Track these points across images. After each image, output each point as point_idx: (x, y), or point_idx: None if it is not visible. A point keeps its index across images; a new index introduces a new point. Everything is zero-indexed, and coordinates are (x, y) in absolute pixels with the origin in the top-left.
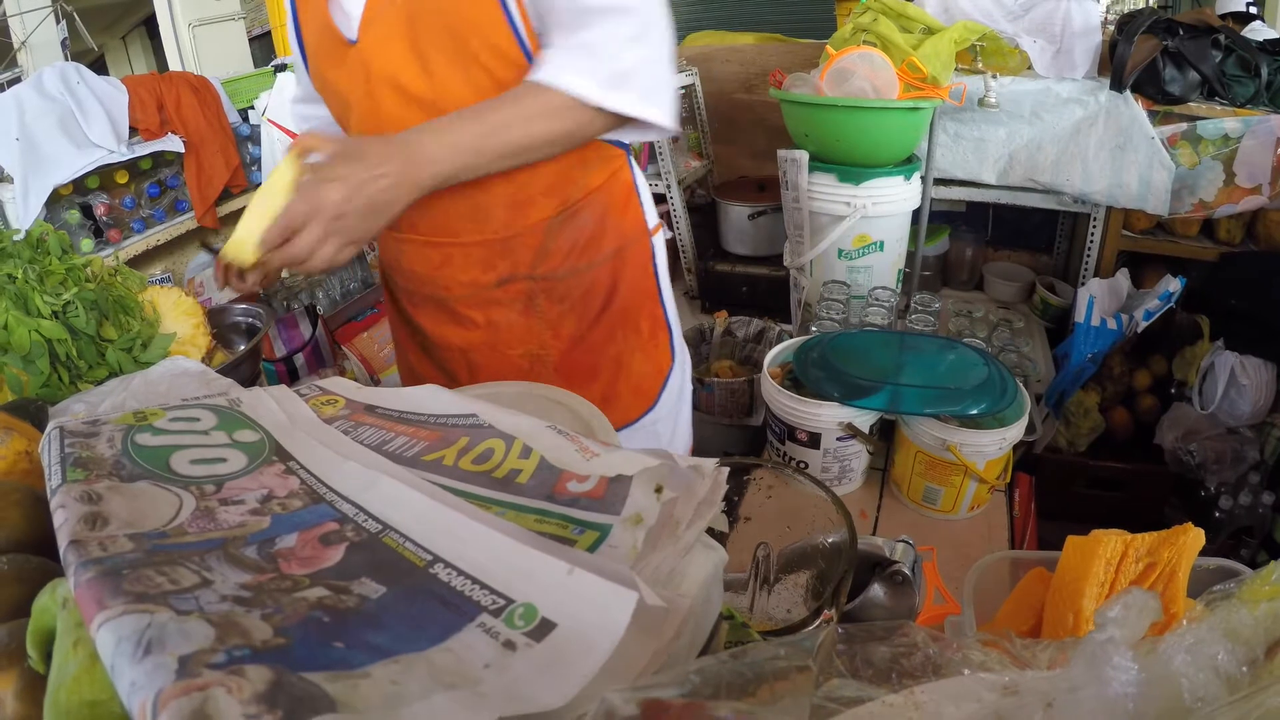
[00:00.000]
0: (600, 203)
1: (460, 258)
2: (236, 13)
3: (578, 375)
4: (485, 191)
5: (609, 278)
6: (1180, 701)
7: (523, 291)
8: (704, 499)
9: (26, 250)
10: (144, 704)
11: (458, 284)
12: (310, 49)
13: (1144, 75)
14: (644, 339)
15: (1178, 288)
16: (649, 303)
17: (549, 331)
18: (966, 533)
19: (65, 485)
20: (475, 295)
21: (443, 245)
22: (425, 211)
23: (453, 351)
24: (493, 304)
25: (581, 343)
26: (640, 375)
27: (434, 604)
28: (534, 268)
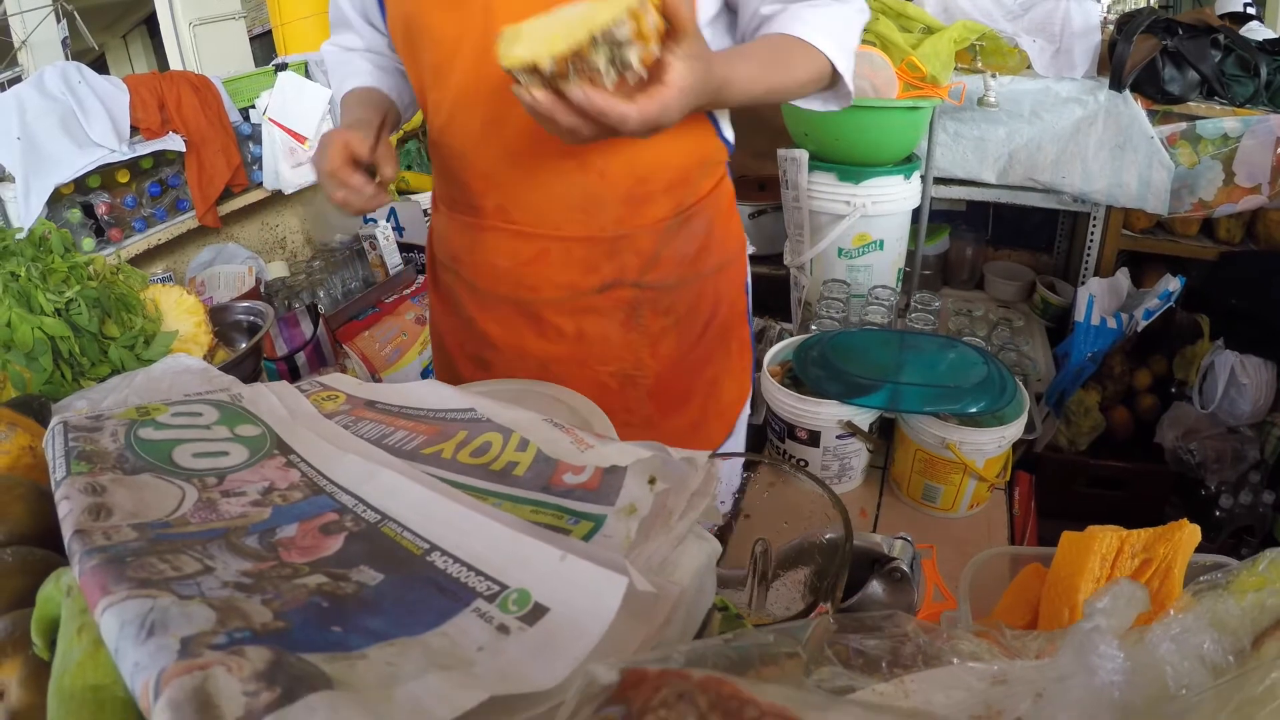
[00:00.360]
0: (709, 211)
1: (560, 255)
2: (237, 12)
3: (672, 400)
4: (604, 180)
5: (713, 293)
6: (1165, 690)
7: (626, 300)
8: (696, 490)
9: (29, 248)
10: (147, 683)
11: (551, 285)
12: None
13: (1143, 75)
14: (733, 362)
15: (1177, 287)
16: (739, 325)
17: (647, 349)
18: (966, 531)
19: (70, 478)
20: (570, 301)
21: (540, 238)
22: (522, 195)
23: (527, 364)
24: (588, 312)
25: (680, 363)
26: (727, 402)
27: (430, 590)
28: (643, 274)
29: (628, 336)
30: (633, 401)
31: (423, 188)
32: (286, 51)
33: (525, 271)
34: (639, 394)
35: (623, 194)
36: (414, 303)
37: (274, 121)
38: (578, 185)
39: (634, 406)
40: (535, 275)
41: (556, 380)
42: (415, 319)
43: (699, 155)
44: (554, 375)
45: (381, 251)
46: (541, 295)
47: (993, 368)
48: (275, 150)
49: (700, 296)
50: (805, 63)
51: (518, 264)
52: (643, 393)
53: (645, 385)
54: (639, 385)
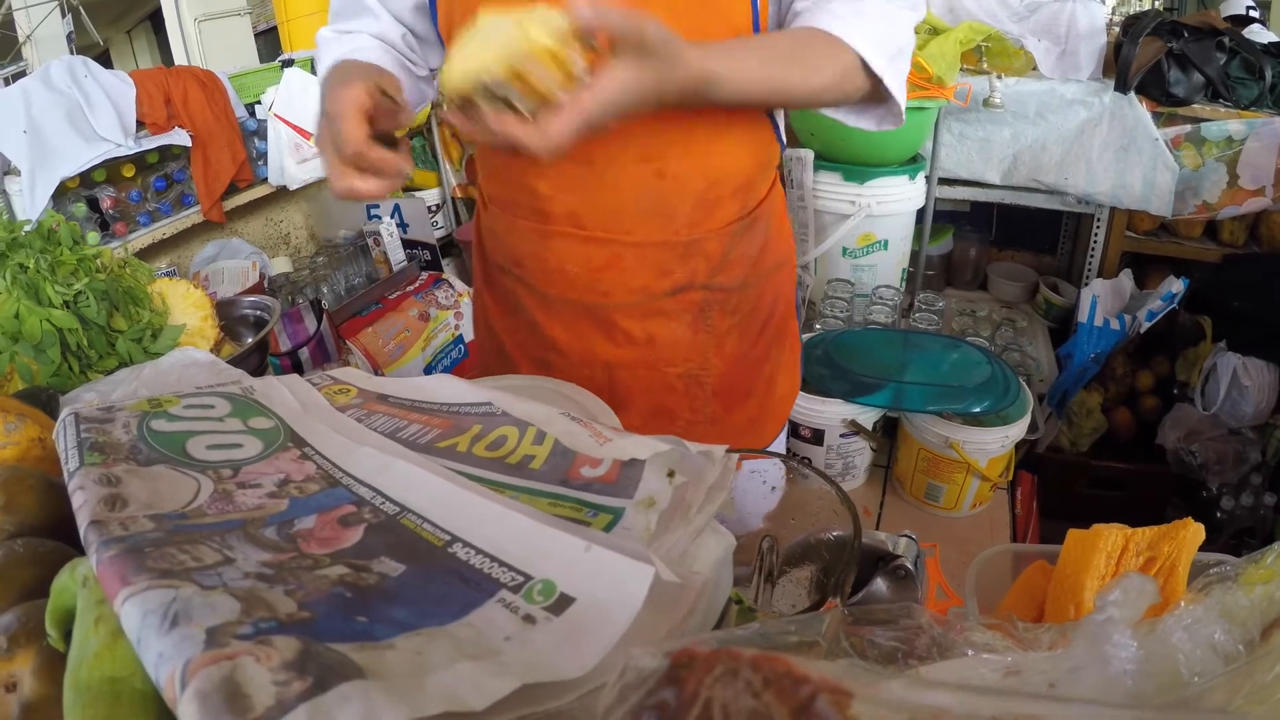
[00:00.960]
0: (768, 213)
1: (633, 260)
2: (243, 8)
3: (734, 397)
4: (678, 184)
5: (771, 291)
6: (1178, 678)
7: (696, 302)
8: (714, 484)
9: (38, 240)
10: (172, 673)
11: (624, 290)
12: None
13: (1148, 77)
14: (785, 357)
15: (1180, 289)
16: (792, 321)
17: (714, 349)
18: (968, 530)
19: (84, 468)
20: (641, 305)
21: (613, 243)
22: (597, 202)
23: (594, 369)
24: (658, 315)
25: (742, 361)
26: (779, 396)
27: (454, 581)
28: (712, 276)
29: (696, 338)
30: (698, 401)
31: (427, 184)
32: (292, 48)
33: (598, 277)
34: (705, 394)
35: (695, 198)
36: (417, 299)
37: (279, 117)
38: (652, 189)
39: (699, 406)
40: (608, 281)
41: (621, 383)
42: (418, 315)
43: (762, 158)
44: (620, 379)
45: (385, 248)
46: (613, 300)
47: (996, 368)
48: (280, 146)
49: (761, 295)
50: (829, 61)
51: (590, 270)
52: (708, 392)
53: (710, 384)
54: (704, 385)
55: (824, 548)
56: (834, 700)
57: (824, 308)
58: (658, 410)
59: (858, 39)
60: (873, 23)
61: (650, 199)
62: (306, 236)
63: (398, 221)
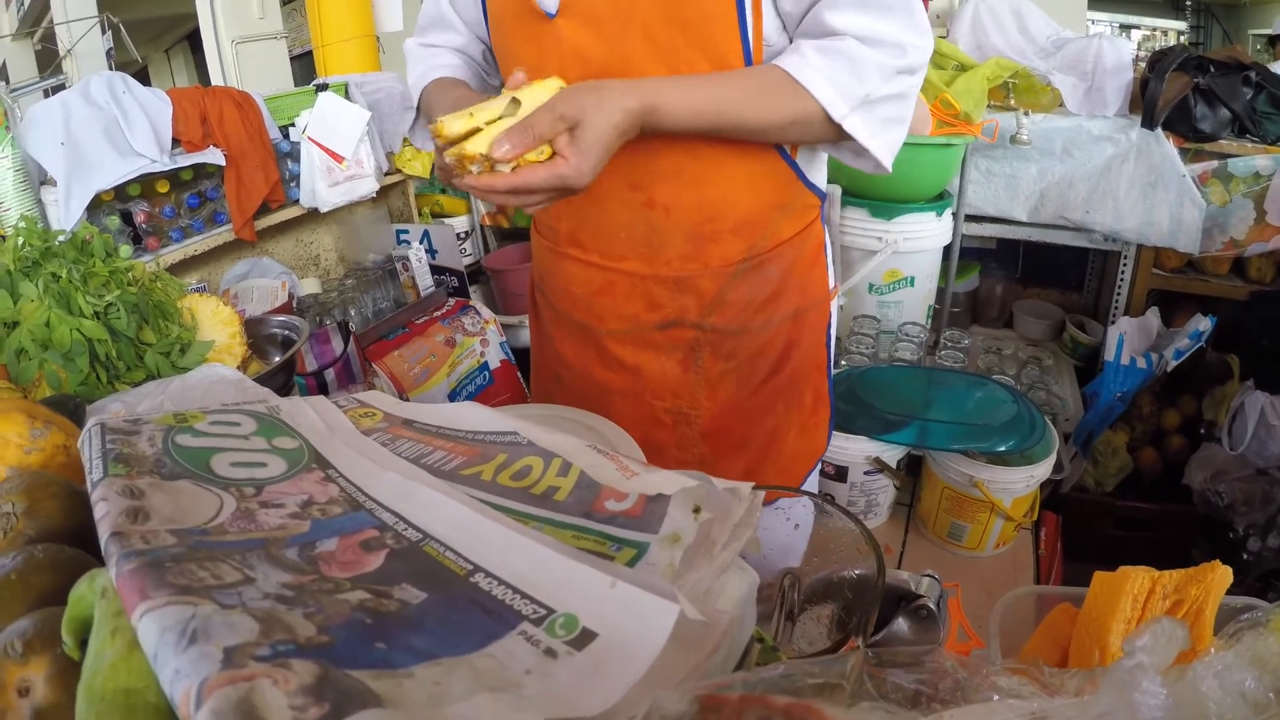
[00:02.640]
0: (789, 257)
1: (625, 288)
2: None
3: (726, 444)
4: (668, 215)
5: (783, 341)
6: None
7: (686, 340)
8: (740, 521)
9: (71, 251)
10: (188, 691)
11: (615, 317)
12: (495, 11)
13: (1175, 113)
14: (805, 414)
15: (1208, 327)
16: (816, 374)
17: (705, 391)
18: (992, 570)
19: (107, 479)
20: (631, 334)
21: (607, 270)
22: (592, 225)
23: (593, 388)
24: (648, 347)
25: (737, 409)
26: (792, 456)
27: (475, 611)
28: (704, 316)
29: (686, 376)
30: (686, 440)
31: (456, 212)
32: (327, 72)
33: (593, 301)
34: (693, 433)
35: (688, 231)
36: (444, 325)
37: (313, 140)
38: (643, 219)
39: (687, 445)
40: (601, 306)
41: (615, 409)
42: (445, 341)
43: (774, 198)
44: (614, 404)
45: (414, 273)
46: (606, 326)
47: (1022, 406)
48: (313, 169)
49: (768, 344)
50: (785, 102)
51: (588, 293)
52: (696, 433)
53: (700, 426)
54: (693, 425)
55: (846, 586)
56: None
57: (849, 344)
58: (645, 441)
59: (817, 84)
60: (837, 68)
61: (642, 227)
62: (336, 259)
63: (426, 247)
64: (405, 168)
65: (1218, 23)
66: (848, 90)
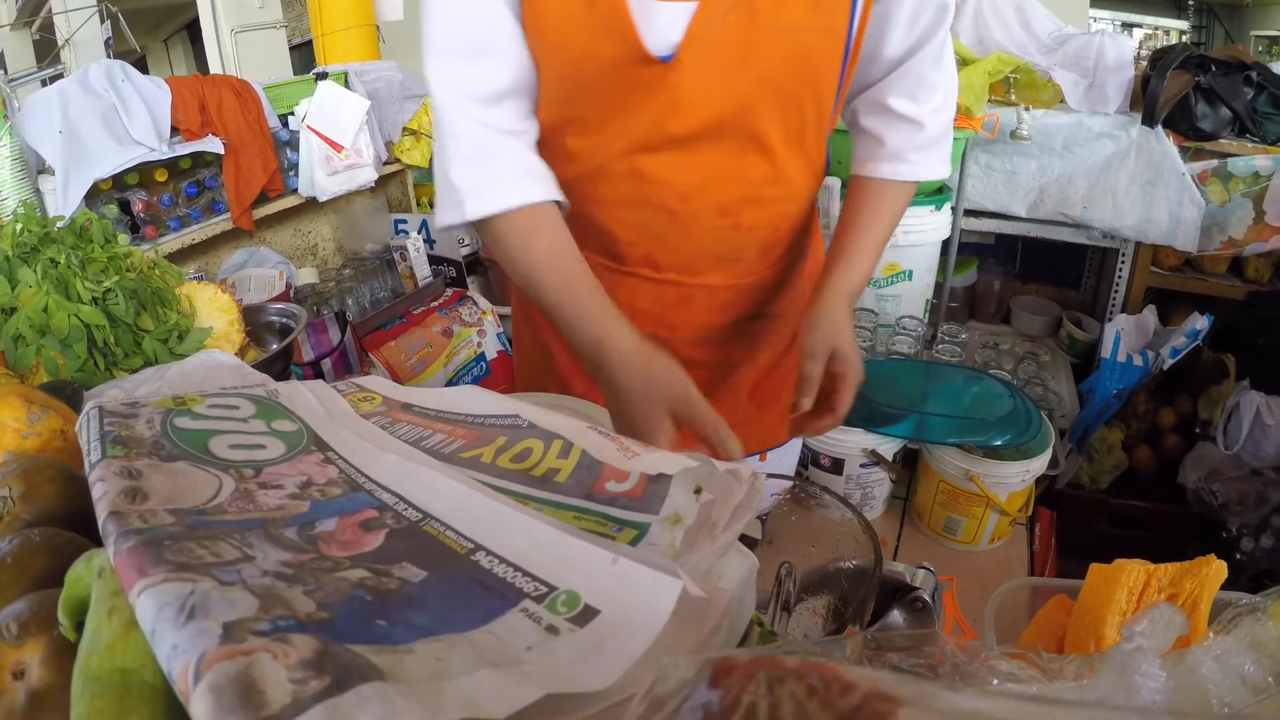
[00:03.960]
0: (812, 237)
1: (703, 299)
2: (278, 21)
3: (766, 398)
4: (751, 234)
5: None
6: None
7: (752, 329)
8: (741, 503)
9: (69, 237)
10: (186, 666)
11: (690, 325)
12: (577, 53)
13: (1176, 111)
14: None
15: (1205, 325)
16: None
17: (751, 359)
18: (986, 564)
19: (105, 460)
20: (703, 337)
21: (684, 285)
22: (673, 247)
23: None
24: (717, 344)
25: (776, 368)
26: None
27: (476, 589)
28: (765, 306)
29: (747, 355)
30: (736, 405)
31: None
32: (326, 61)
33: (667, 314)
34: (740, 400)
35: (760, 244)
36: (441, 315)
37: (312, 129)
38: (726, 240)
39: (737, 410)
40: (676, 317)
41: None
42: (442, 331)
43: (814, 197)
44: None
45: (412, 263)
46: (680, 334)
47: (1018, 401)
48: (312, 158)
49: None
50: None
51: (661, 307)
52: (743, 397)
53: (745, 390)
54: (740, 391)
55: (843, 577)
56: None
57: None
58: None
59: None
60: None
61: (725, 247)
62: (334, 248)
63: (424, 237)
64: (404, 157)
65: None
66: (943, 157)
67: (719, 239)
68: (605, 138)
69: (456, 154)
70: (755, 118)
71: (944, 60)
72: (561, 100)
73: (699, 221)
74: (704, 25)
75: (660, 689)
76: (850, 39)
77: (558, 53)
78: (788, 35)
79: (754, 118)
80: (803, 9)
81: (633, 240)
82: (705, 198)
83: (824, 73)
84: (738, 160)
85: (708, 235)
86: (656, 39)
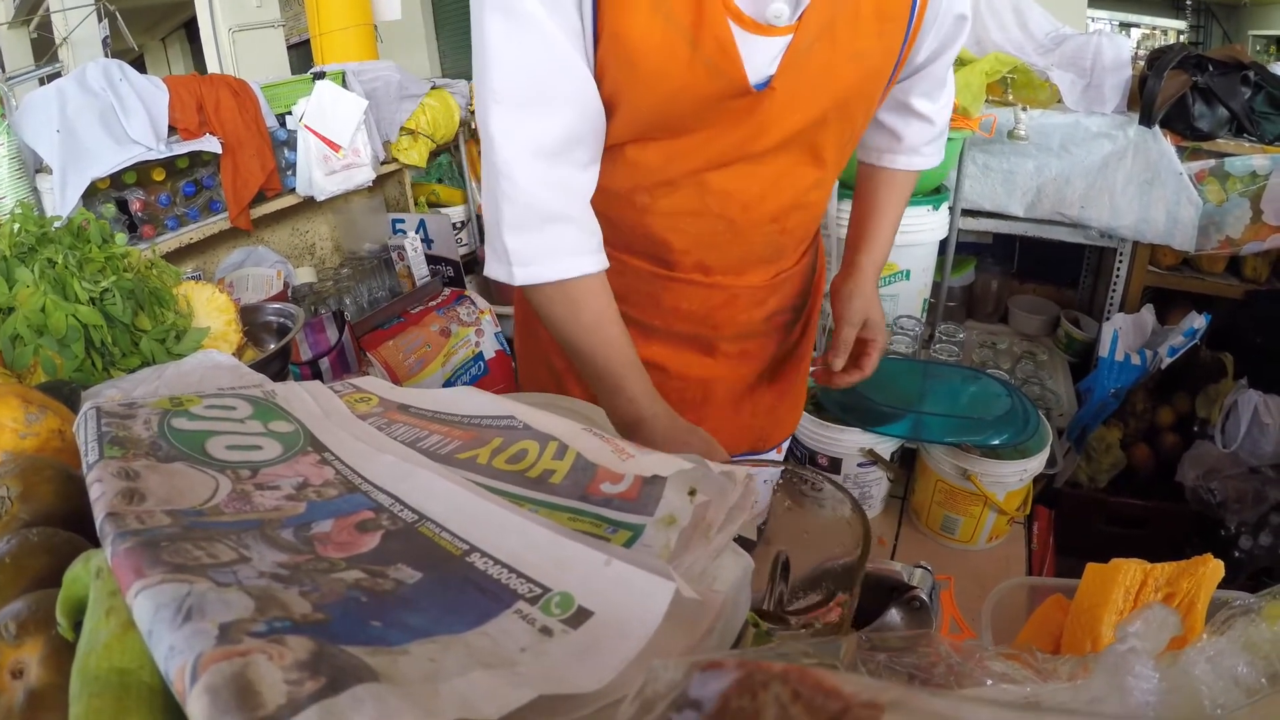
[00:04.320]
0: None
1: (746, 298)
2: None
3: (784, 384)
4: (791, 235)
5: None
6: (1201, 710)
7: (782, 324)
8: (735, 504)
9: (67, 236)
10: (183, 667)
11: (731, 324)
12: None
13: (1173, 111)
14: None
15: (1202, 325)
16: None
17: (775, 350)
18: (984, 563)
19: (103, 461)
20: (744, 332)
21: (729, 287)
22: (725, 252)
23: (689, 381)
24: (751, 337)
25: (791, 352)
26: (804, 373)
27: (471, 590)
28: (792, 300)
29: (776, 345)
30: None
31: (452, 201)
32: (324, 61)
33: (712, 314)
34: (763, 386)
35: (797, 243)
36: (439, 315)
37: (309, 129)
38: (773, 242)
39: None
40: (720, 316)
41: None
42: (439, 330)
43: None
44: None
45: (409, 262)
46: (721, 333)
47: (1016, 401)
48: (309, 157)
49: (808, 291)
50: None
51: (707, 309)
52: (766, 385)
53: (768, 380)
54: (764, 381)
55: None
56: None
57: None
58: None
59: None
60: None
61: (771, 249)
62: (331, 248)
63: (422, 237)
64: (401, 157)
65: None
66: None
67: (767, 242)
68: (678, 154)
69: (513, 218)
70: (821, 132)
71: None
72: (639, 124)
73: (755, 228)
74: (795, 55)
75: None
76: (901, 54)
77: (651, 89)
78: (860, 60)
79: (820, 132)
80: (872, 34)
81: (688, 249)
82: (763, 207)
83: (879, 88)
84: (795, 170)
85: (759, 240)
86: (756, 72)
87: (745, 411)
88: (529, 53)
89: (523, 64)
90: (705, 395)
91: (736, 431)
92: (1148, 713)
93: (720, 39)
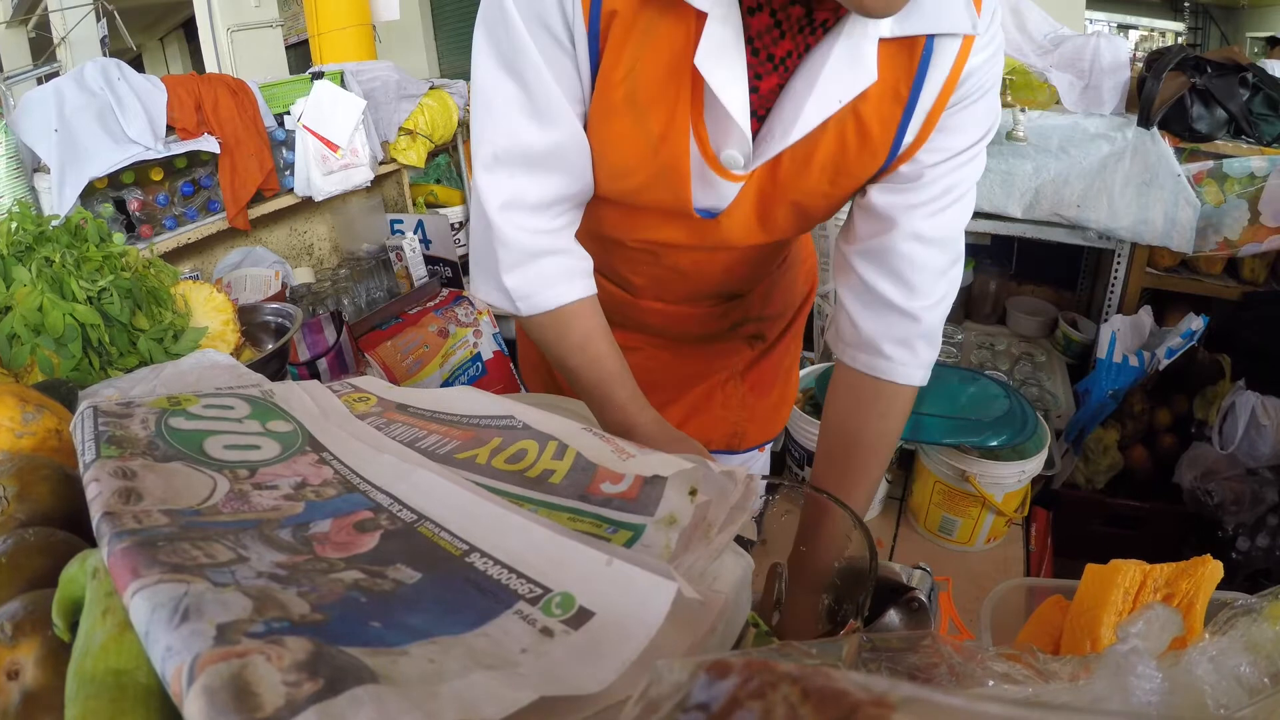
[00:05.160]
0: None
1: (706, 313)
2: (274, 20)
3: (763, 387)
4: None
5: (797, 297)
6: (1204, 709)
7: (749, 330)
8: (736, 504)
9: (64, 236)
10: (180, 668)
11: (693, 335)
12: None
13: (1171, 112)
14: (797, 345)
15: (1200, 326)
16: (803, 317)
17: (752, 354)
18: (982, 564)
19: (100, 460)
20: (705, 338)
21: (692, 313)
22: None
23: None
24: (717, 341)
25: (770, 358)
26: (794, 382)
27: (471, 591)
28: (762, 310)
29: (744, 349)
30: (734, 389)
31: (450, 202)
32: (322, 61)
33: (672, 325)
34: (742, 388)
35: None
36: (437, 315)
37: (308, 129)
38: (733, 288)
39: (731, 396)
40: (679, 327)
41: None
42: (438, 331)
43: None
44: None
45: (407, 263)
46: (687, 338)
47: (1014, 402)
48: (308, 157)
49: (789, 303)
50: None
51: (668, 322)
52: (746, 386)
53: (748, 379)
54: (744, 380)
55: (836, 575)
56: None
57: None
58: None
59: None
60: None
61: (731, 285)
62: (329, 248)
63: (420, 237)
64: (400, 157)
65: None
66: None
67: (723, 280)
68: (637, 227)
69: (508, 260)
70: (782, 239)
71: None
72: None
73: (709, 279)
74: (744, 199)
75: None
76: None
77: (615, 181)
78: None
79: (780, 239)
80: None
81: (645, 285)
82: (722, 276)
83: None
84: (754, 252)
85: (717, 286)
86: (707, 201)
87: (717, 403)
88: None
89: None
90: (678, 380)
91: (710, 423)
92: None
93: (676, 161)
